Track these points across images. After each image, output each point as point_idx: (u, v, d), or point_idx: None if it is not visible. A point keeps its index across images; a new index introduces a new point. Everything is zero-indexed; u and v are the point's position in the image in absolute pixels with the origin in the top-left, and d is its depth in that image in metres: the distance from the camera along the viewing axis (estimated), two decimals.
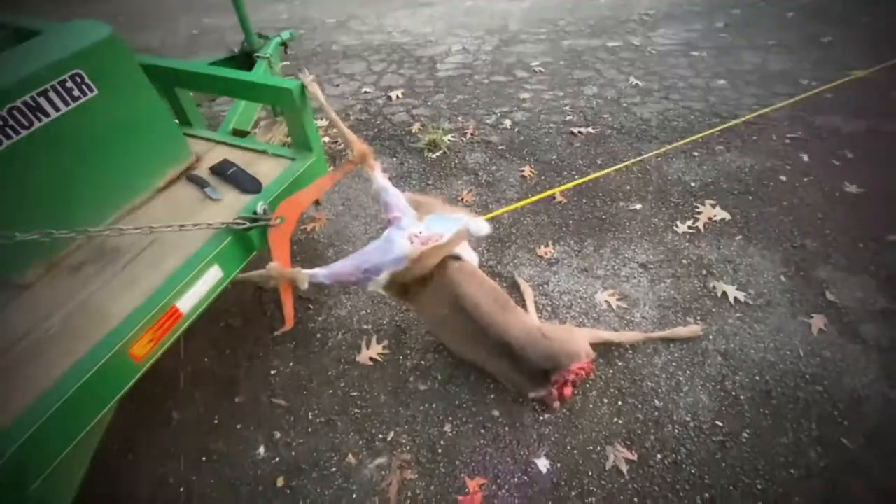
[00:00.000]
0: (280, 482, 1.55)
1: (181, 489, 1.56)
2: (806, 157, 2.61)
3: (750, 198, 2.40)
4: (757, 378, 1.68)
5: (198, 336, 1.98)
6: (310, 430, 1.68)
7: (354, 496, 1.51)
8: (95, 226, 1.46)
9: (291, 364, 1.88)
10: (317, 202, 2.43)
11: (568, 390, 1.53)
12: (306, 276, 1.60)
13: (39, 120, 1.27)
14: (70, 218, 1.39)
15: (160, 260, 1.44)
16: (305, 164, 1.77)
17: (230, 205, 1.63)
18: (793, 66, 3.49)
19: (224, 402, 1.77)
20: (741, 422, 1.58)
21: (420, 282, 1.56)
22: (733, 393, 1.65)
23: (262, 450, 1.64)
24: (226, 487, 1.55)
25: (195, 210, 1.62)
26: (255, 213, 1.52)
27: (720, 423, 1.58)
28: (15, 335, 1.25)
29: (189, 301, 1.39)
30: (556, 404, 1.57)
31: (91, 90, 1.36)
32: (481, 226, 1.67)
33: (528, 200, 2.47)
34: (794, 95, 3.08)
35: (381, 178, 1.68)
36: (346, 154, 2.98)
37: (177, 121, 1.98)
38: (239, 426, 1.71)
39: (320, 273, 1.60)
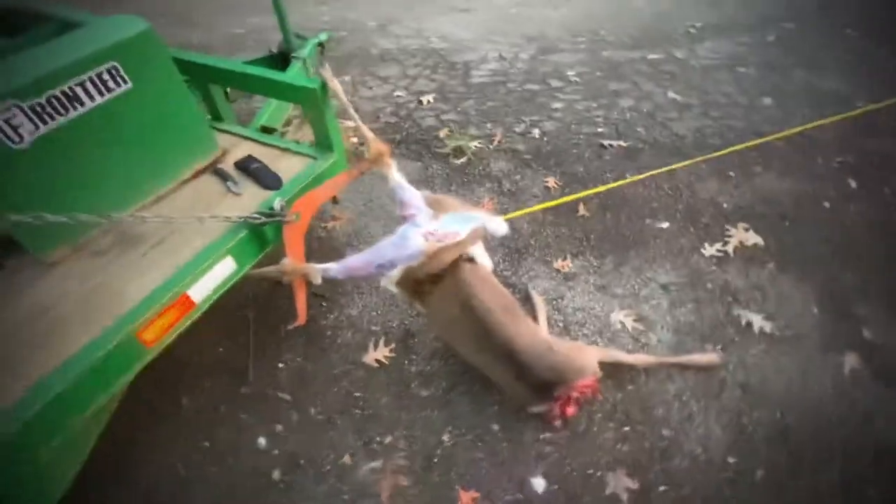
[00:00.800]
0: (276, 475, 1.57)
1: (182, 472, 1.61)
2: (854, 184, 2.44)
3: (787, 223, 2.27)
4: (777, 415, 1.58)
5: (213, 325, 2.03)
6: (310, 426, 1.70)
7: (346, 497, 1.51)
8: (122, 212, 1.53)
9: (300, 359, 1.91)
10: (335, 200, 2.47)
11: (571, 409, 1.48)
12: (319, 270, 1.62)
13: (75, 108, 1.34)
14: (98, 204, 1.45)
15: (178, 249, 1.50)
16: (326, 164, 1.80)
17: (250, 199, 1.67)
18: (848, 86, 3.29)
19: (231, 391, 1.81)
20: (755, 460, 1.49)
21: (431, 280, 1.54)
22: (749, 429, 1.56)
23: (262, 441, 1.67)
24: (225, 475, 1.59)
25: (217, 202, 1.67)
26: (271, 208, 1.56)
27: (732, 460, 1.49)
28: (37, 310, 1.33)
29: (201, 290, 1.44)
30: (558, 422, 1.52)
31: (125, 82, 1.43)
32: (499, 225, 1.65)
33: (548, 204, 2.42)
34: (845, 117, 2.90)
35: (397, 177, 1.69)
36: None
37: (207, 115, 2.06)
38: (244, 416, 1.74)
39: (333, 268, 1.62)
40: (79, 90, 1.33)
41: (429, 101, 3.63)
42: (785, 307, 1.89)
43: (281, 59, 2.86)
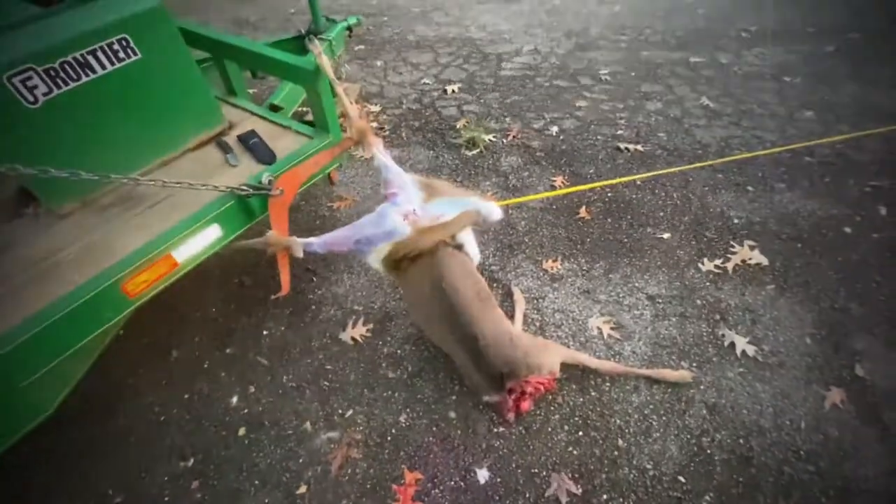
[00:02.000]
0: (241, 431, 1.68)
1: (161, 417, 1.75)
2: (883, 211, 2.26)
3: (799, 245, 2.14)
4: (741, 441, 1.52)
5: (212, 288, 2.18)
6: (280, 391, 1.79)
7: (301, 460, 1.60)
8: (127, 174, 1.65)
9: (283, 328, 2.01)
10: (332, 181, 2.55)
11: (525, 404, 1.49)
12: (301, 244, 1.70)
13: (87, 75, 1.47)
14: (104, 164, 1.57)
15: (171, 212, 1.61)
16: (321, 144, 1.87)
17: (243, 172, 1.77)
18: None
19: (217, 350, 1.94)
20: (707, 483, 1.44)
21: (413, 258, 1.57)
22: (708, 451, 1.51)
23: (235, 399, 1.78)
24: (195, 424, 1.71)
25: (215, 172, 1.78)
26: (259, 182, 1.65)
27: (682, 479, 1.46)
28: (40, 255, 1.48)
29: (186, 252, 1.55)
30: (511, 415, 1.54)
31: (135, 53, 1.54)
32: (493, 210, 1.65)
33: (545, 195, 2.40)
34: (890, 139, 2.67)
35: (381, 155, 1.71)
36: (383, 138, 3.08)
37: (215, 89, 2.17)
38: (223, 374, 1.86)
39: (314, 242, 1.69)
40: (90, 58, 1.46)
41: (453, 91, 3.64)
42: (775, 333, 1.80)
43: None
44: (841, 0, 4.66)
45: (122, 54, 1.51)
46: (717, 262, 2.08)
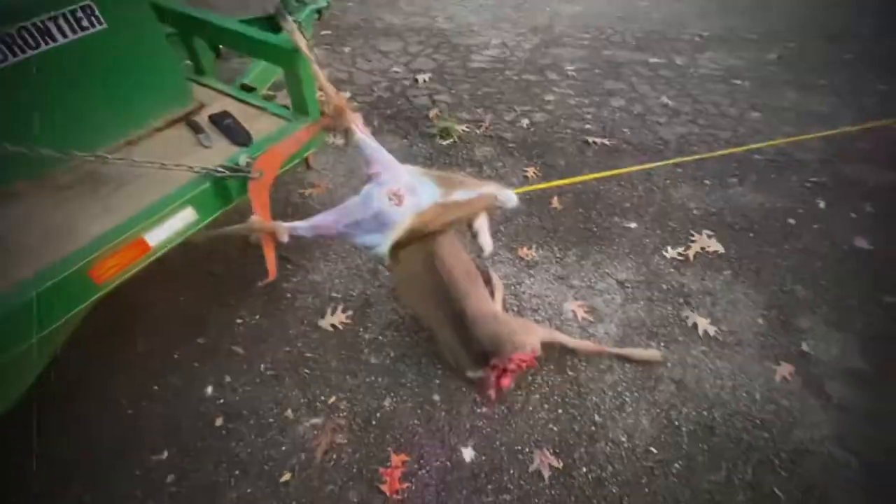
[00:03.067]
0: (219, 422, 1.63)
1: (129, 411, 1.66)
2: (822, 204, 2.49)
3: (751, 235, 2.31)
4: (704, 413, 1.65)
5: (180, 277, 2.08)
6: (258, 380, 1.75)
7: (283, 448, 1.57)
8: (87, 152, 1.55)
9: (258, 317, 1.95)
10: (308, 165, 2.49)
11: (506, 381, 1.54)
12: (286, 228, 1.65)
13: (46, 43, 1.36)
14: (64, 141, 1.46)
15: (140, 194, 1.52)
16: (299, 126, 1.82)
17: (218, 153, 1.69)
18: (836, 110, 3.31)
19: (188, 340, 1.86)
20: (676, 452, 1.55)
21: (413, 239, 1.57)
22: (676, 423, 1.62)
23: (210, 389, 1.72)
24: (169, 416, 1.64)
25: (186, 153, 1.69)
26: (236, 164, 1.59)
27: (654, 450, 1.56)
28: None
29: (158, 236, 1.47)
30: (492, 392, 1.58)
31: (100, 23, 1.44)
32: (509, 196, 1.67)
33: (561, 182, 2.45)
34: (828, 140, 2.94)
35: (360, 133, 1.67)
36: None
37: (186, 66, 2.07)
38: (196, 364, 1.79)
39: (301, 226, 1.65)
40: (51, 25, 1.35)
41: (424, 81, 3.63)
42: (732, 314, 1.95)
43: (276, 21, 2.84)
44: (779, 10, 5.04)
45: (85, 22, 1.41)
46: (680, 249, 2.21)
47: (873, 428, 1.62)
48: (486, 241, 1.68)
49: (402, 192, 1.52)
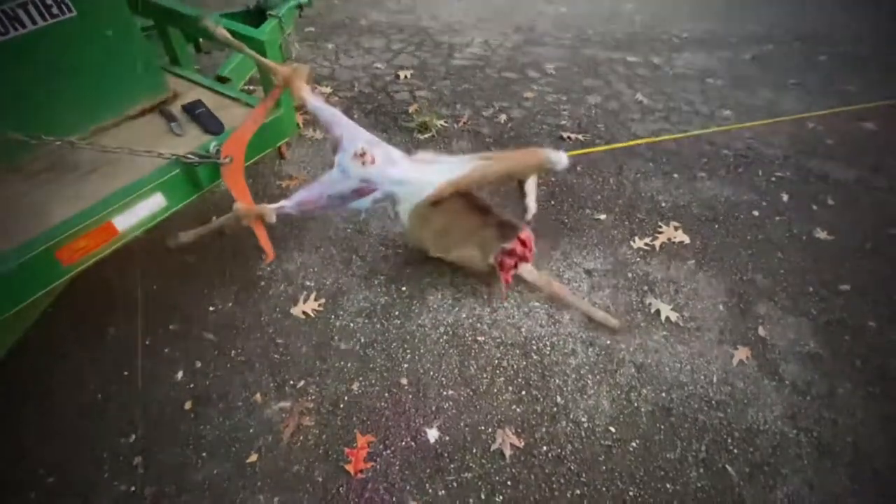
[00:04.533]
0: (188, 406, 1.65)
1: (98, 395, 1.67)
2: (785, 198, 2.57)
3: (716, 226, 2.38)
4: (663, 395, 1.70)
5: (153, 265, 2.09)
6: (229, 365, 1.77)
7: (251, 430, 1.60)
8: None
9: (230, 305, 1.98)
10: (282, 156, 2.52)
11: (509, 276, 1.71)
12: (272, 209, 1.69)
13: (16, 30, 1.38)
14: (34, 127, 1.48)
15: (111, 180, 1.54)
16: (271, 117, 1.85)
17: (189, 142, 1.72)
18: (804, 108, 3.41)
19: (160, 327, 1.88)
20: (634, 431, 1.61)
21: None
22: (635, 404, 1.68)
23: (180, 374, 1.74)
24: (138, 401, 1.66)
25: (158, 141, 1.71)
26: (207, 151, 1.62)
27: (613, 429, 1.61)
28: None
29: (126, 220, 1.49)
30: (505, 283, 1.73)
31: (70, 10, 1.46)
32: (560, 157, 1.67)
33: (599, 149, 2.52)
34: (794, 137, 3.03)
35: (313, 100, 1.70)
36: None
37: (161, 56, 2.09)
38: (167, 350, 1.81)
39: (287, 205, 1.69)
40: (20, 12, 1.37)
41: (406, 77, 3.68)
42: (694, 301, 2.01)
43: (258, 16, 2.86)
44: (757, 14, 5.16)
45: (55, 10, 1.43)
46: (647, 240, 2.28)
47: (824, 408, 1.68)
48: (532, 204, 1.78)
49: (366, 150, 1.60)
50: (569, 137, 2.99)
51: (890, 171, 2.80)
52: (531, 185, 1.79)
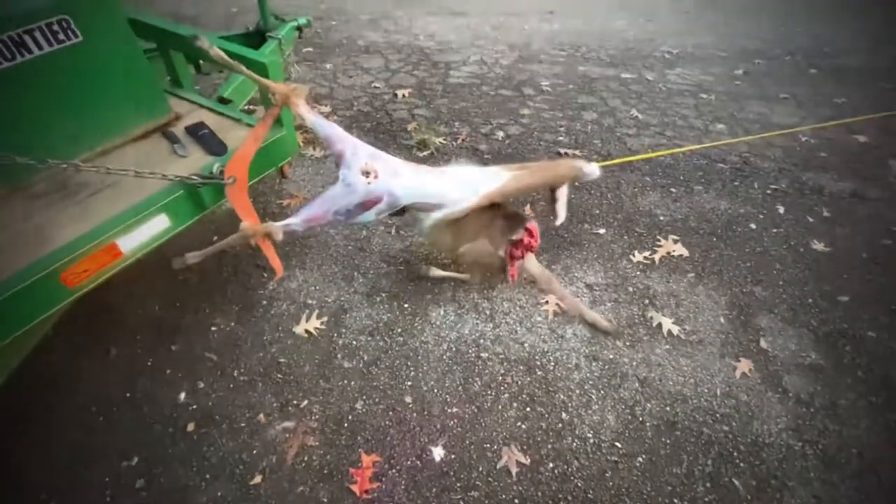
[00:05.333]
0: (190, 427, 1.64)
1: (100, 418, 1.66)
2: (782, 210, 2.60)
3: (714, 239, 2.41)
4: (668, 408, 1.70)
5: (155, 285, 2.09)
6: (231, 385, 1.76)
7: (255, 451, 1.58)
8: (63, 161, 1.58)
9: (232, 324, 1.97)
10: (283, 175, 2.55)
11: (514, 270, 1.74)
12: (279, 227, 1.69)
13: (22, 55, 1.40)
14: (40, 150, 1.50)
15: (115, 201, 1.55)
16: (273, 137, 1.88)
17: (193, 163, 1.73)
18: (797, 121, 3.48)
19: (161, 347, 1.87)
20: (640, 446, 1.60)
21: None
22: (640, 418, 1.67)
23: (183, 395, 1.73)
24: (139, 423, 1.64)
25: (161, 163, 1.73)
26: (211, 172, 1.63)
27: (619, 444, 1.60)
28: None
29: (131, 242, 1.50)
30: (513, 271, 1.75)
31: (76, 36, 1.49)
32: (593, 168, 1.75)
33: (648, 155, 2.60)
34: (788, 150, 3.08)
35: (310, 115, 1.70)
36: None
37: (166, 79, 2.12)
38: (169, 371, 1.80)
39: (293, 222, 1.69)
40: (27, 38, 1.39)
41: (404, 96, 3.73)
42: (695, 314, 2.02)
43: (257, 38, 2.92)
44: (748, 30, 5.28)
45: (61, 35, 1.46)
46: (646, 254, 2.30)
47: (828, 419, 1.69)
48: (562, 211, 1.80)
49: (371, 164, 1.62)
50: (566, 153, 3.03)
51: (882, 182, 2.85)
52: (563, 193, 1.81)
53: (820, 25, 5.41)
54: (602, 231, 2.44)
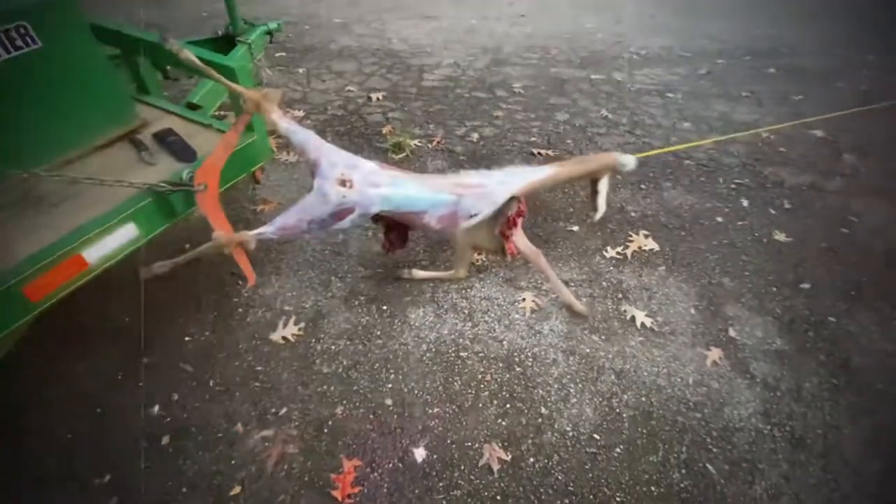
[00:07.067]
0: (166, 440, 1.60)
1: (69, 435, 1.61)
2: (745, 203, 2.70)
3: (683, 233, 2.48)
4: (643, 399, 1.74)
5: (125, 296, 2.03)
6: (207, 396, 1.73)
7: (233, 462, 1.56)
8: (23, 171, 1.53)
9: (207, 333, 1.94)
10: (256, 181, 2.52)
11: (511, 246, 1.78)
12: (252, 236, 1.66)
13: None
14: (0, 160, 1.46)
15: (80, 211, 1.51)
16: (244, 143, 1.85)
17: (162, 170, 1.70)
18: (758, 118, 3.62)
19: (133, 360, 1.82)
20: (617, 437, 1.64)
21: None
22: (617, 410, 1.71)
23: (156, 408, 1.69)
24: (113, 439, 1.60)
25: (128, 171, 1.68)
26: (180, 178, 1.60)
27: (597, 437, 1.64)
28: None
29: (97, 252, 1.46)
30: (511, 248, 1.79)
31: (35, 42, 1.45)
32: (628, 159, 1.75)
33: (678, 147, 2.55)
34: (750, 146, 3.20)
35: (283, 121, 1.69)
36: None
37: (132, 86, 2.08)
38: (141, 384, 1.75)
39: (267, 231, 1.67)
40: None
41: (378, 99, 3.73)
42: (667, 306, 2.08)
43: (226, 42, 2.88)
44: (709, 32, 5.46)
45: (19, 42, 1.42)
46: (619, 249, 2.35)
47: (794, 402, 1.76)
48: (602, 205, 1.82)
49: (347, 175, 1.60)
50: (539, 153, 3.08)
51: (839, 175, 2.98)
52: (604, 185, 1.83)
53: (777, 28, 5.64)
54: (576, 228, 2.49)
